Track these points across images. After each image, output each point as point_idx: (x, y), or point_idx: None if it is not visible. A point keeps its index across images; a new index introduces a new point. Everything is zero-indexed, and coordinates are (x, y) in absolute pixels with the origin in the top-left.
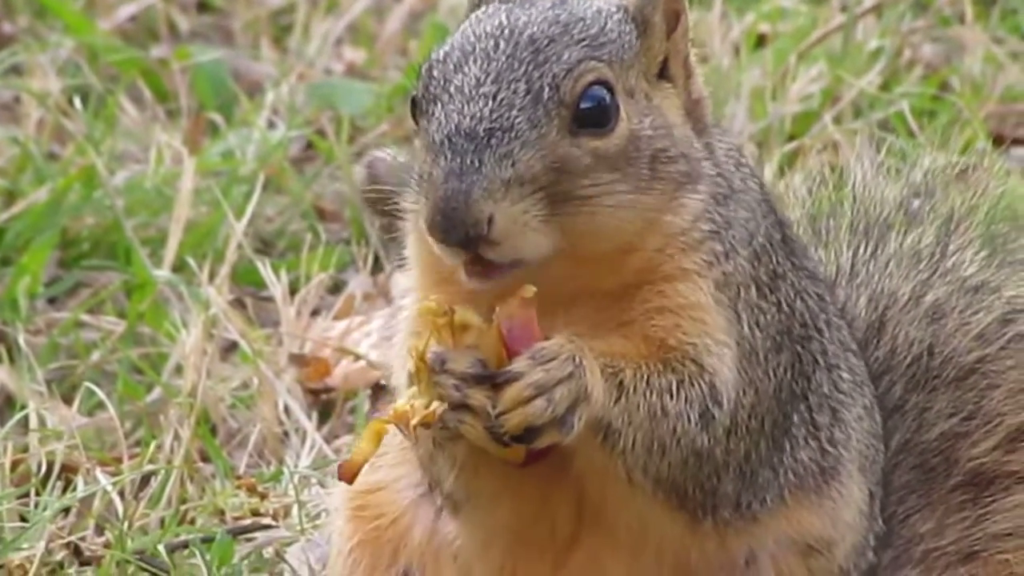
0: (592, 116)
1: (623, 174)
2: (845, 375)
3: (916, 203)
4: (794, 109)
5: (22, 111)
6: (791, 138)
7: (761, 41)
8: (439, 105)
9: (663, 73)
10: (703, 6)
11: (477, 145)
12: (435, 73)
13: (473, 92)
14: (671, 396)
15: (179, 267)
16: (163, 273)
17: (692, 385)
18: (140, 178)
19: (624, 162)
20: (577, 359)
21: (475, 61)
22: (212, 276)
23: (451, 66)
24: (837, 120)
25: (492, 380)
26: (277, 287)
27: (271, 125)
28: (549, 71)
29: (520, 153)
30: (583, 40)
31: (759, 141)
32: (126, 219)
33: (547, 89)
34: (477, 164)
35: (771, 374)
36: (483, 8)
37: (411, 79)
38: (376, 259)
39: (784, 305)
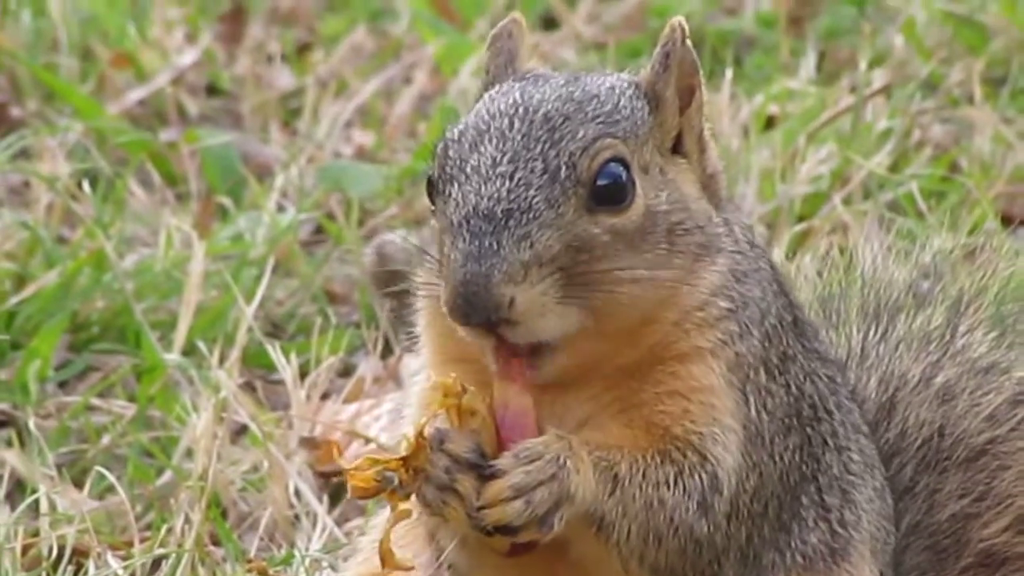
0: (609, 193)
1: (641, 250)
2: (856, 457)
3: (925, 285)
4: (803, 190)
5: (31, 195)
6: (800, 219)
7: (770, 122)
8: (456, 185)
9: (677, 148)
10: (712, 87)
11: (495, 227)
12: (451, 153)
13: (490, 172)
14: (668, 487)
15: (189, 351)
16: (173, 356)
17: (692, 476)
18: (150, 262)
19: (641, 238)
20: (562, 459)
21: (491, 140)
22: (222, 359)
23: (467, 145)
24: (847, 201)
25: (480, 471)
26: (287, 370)
27: (280, 208)
28: (565, 149)
29: (538, 234)
30: (598, 117)
31: (768, 222)
32: (136, 303)
33: (564, 168)
34: (496, 247)
35: (777, 458)
36: (496, 87)
37: (422, 161)
38: (386, 342)
39: (793, 387)
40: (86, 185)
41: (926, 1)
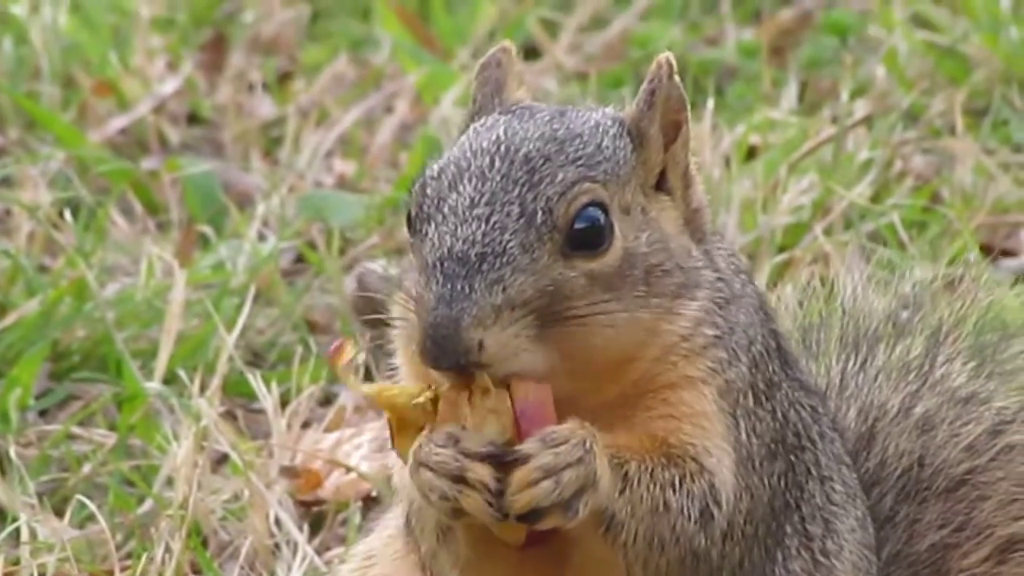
0: (586, 238)
1: (618, 292)
2: (838, 487)
3: (905, 315)
4: (785, 220)
5: (13, 223)
6: (782, 249)
7: (752, 152)
8: (433, 225)
9: (661, 184)
10: (694, 117)
11: (468, 270)
12: (429, 191)
13: (466, 213)
14: (673, 491)
15: (170, 379)
16: (154, 385)
17: (694, 481)
18: (131, 290)
19: (619, 280)
20: (588, 444)
21: (470, 180)
22: (203, 388)
23: (446, 184)
24: (828, 231)
25: (501, 459)
26: (268, 399)
27: (261, 237)
28: (543, 193)
29: (511, 278)
30: (579, 159)
31: (750, 252)
32: (117, 331)
33: (540, 213)
34: (467, 291)
35: (765, 482)
36: (482, 119)
37: (403, 190)
38: (367, 371)
39: (779, 414)
40: (67, 214)
41: (908, 32)
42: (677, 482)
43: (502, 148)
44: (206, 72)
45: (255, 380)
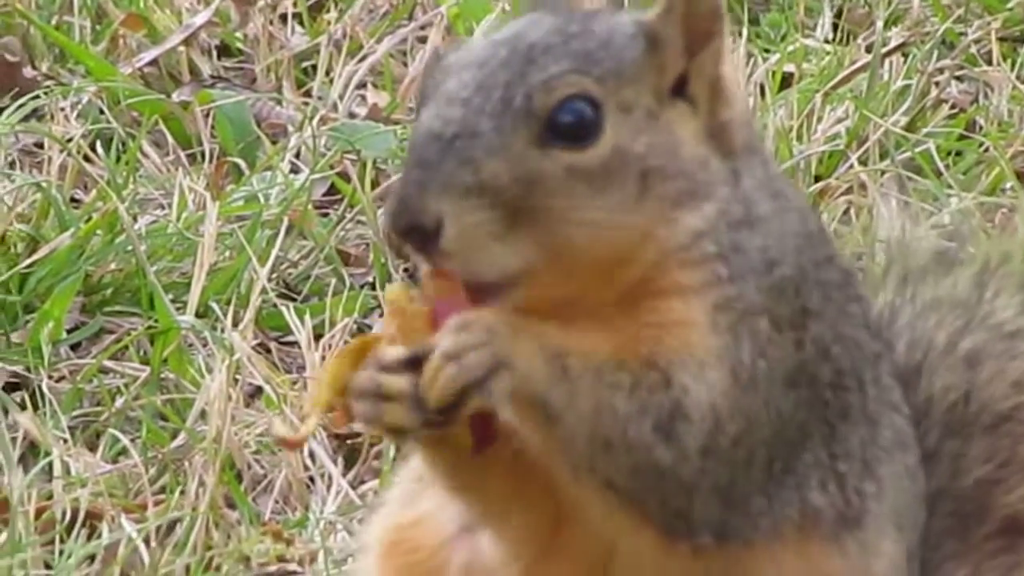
0: (567, 129)
1: (602, 190)
2: (886, 432)
3: (947, 247)
4: (820, 149)
5: (44, 156)
6: (817, 178)
7: (786, 81)
8: (426, 108)
9: (683, 92)
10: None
11: (442, 147)
12: (437, 75)
13: (454, 97)
14: (624, 394)
15: (203, 312)
16: (187, 319)
17: (651, 393)
18: (163, 223)
19: (605, 179)
20: (495, 327)
21: (470, 67)
22: (236, 321)
23: (452, 70)
24: (863, 160)
25: (417, 363)
26: (302, 332)
27: (294, 169)
28: (528, 81)
29: (483, 159)
30: (578, 52)
31: None
32: (149, 264)
33: (518, 98)
34: (438, 164)
35: (772, 408)
36: (529, 15)
37: None
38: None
39: (809, 345)
40: (99, 146)
41: None
42: (628, 387)
43: (512, 39)
44: (237, 3)
45: (288, 313)
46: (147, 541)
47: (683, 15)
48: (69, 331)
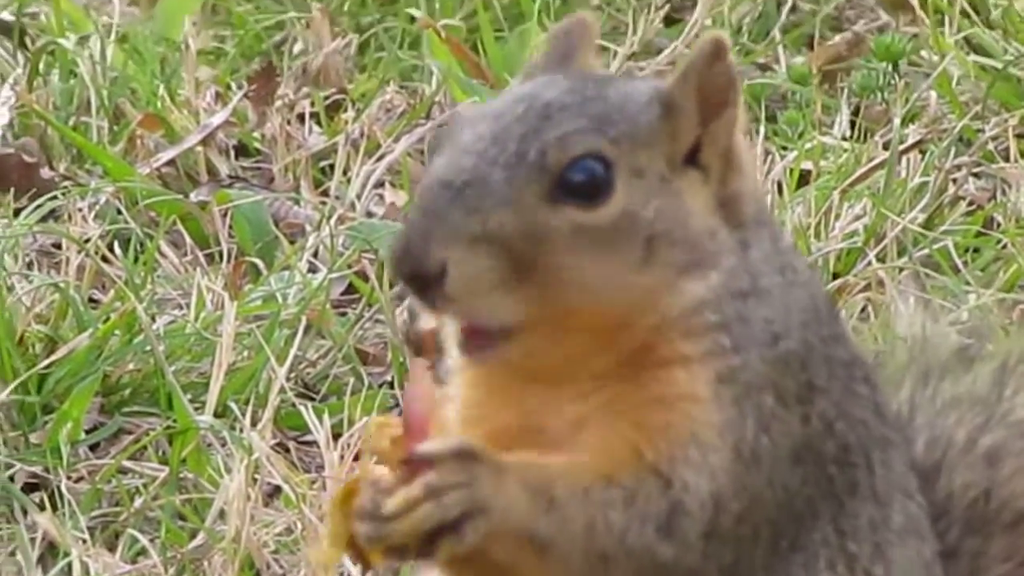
0: (578, 187)
1: (607, 251)
2: (897, 516)
3: (967, 344)
4: (838, 247)
5: (62, 257)
6: (835, 276)
7: (804, 178)
8: (438, 156)
9: (696, 161)
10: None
11: (451, 195)
12: (453, 127)
13: (468, 147)
14: (617, 509)
15: (221, 412)
16: (205, 418)
17: (649, 502)
18: (181, 323)
19: (612, 240)
20: (478, 468)
21: (485, 120)
22: (255, 421)
23: (468, 122)
24: (881, 257)
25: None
26: (320, 431)
27: (312, 268)
28: (543, 137)
29: (491, 209)
30: (594, 113)
31: None
32: (167, 364)
33: (533, 152)
34: (445, 211)
35: (777, 485)
36: (547, 76)
37: None
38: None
39: (815, 421)
40: (117, 247)
41: (960, 56)
42: (622, 501)
43: (528, 97)
44: (255, 103)
45: (307, 412)
46: None
47: (699, 84)
48: (88, 431)
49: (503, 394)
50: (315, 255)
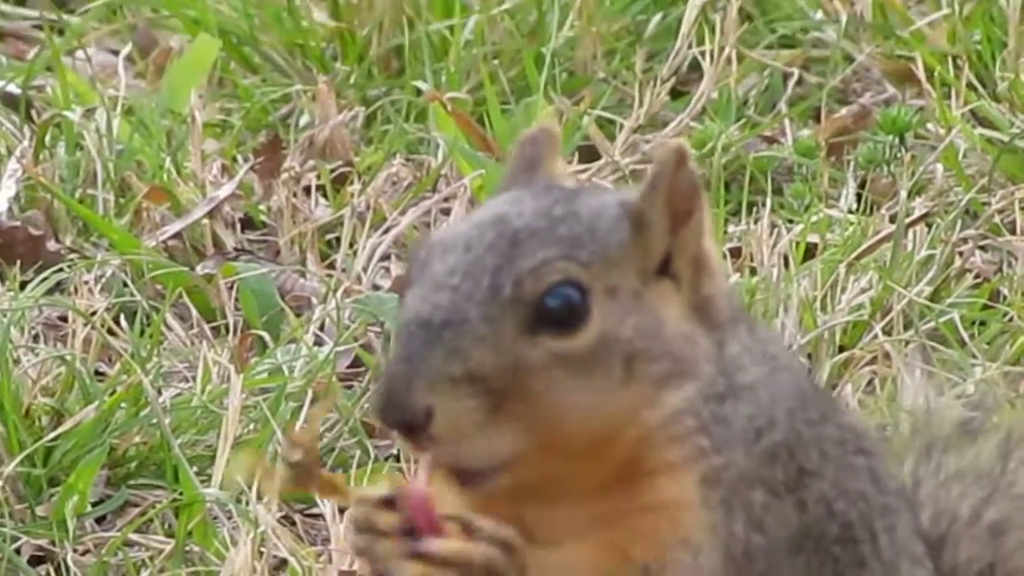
0: (554, 317)
1: (588, 375)
2: None
3: (972, 417)
4: (844, 319)
5: (68, 329)
6: (841, 349)
7: (810, 251)
8: (413, 290)
9: (667, 269)
10: (752, 216)
11: (430, 336)
12: (422, 255)
13: (441, 282)
14: None
15: (227, 485)
16: (212, 491)
17: None
18: (187, 396)
19: (592, 363)
20: (517, 562)
21: (455, 249)
22: (261, 494)
23: (437, 251)
24: (887, 330)
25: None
26: (326, 505)
27: (318, 341)
28: (516, 268)
29: (471, 349)
30: (565, 238)
31: (809, 352)
32: (174, 437)
33: (507, 286)
34: (426, 355)
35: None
36: (508, 192)
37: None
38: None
39: (812, 505)
40: (123, 319)
41: (966, 129)
42: None
43: (497, 221)
44: (261, 176)
45: None
46: None
47: (666, 194)
48: (94, 504)
49: (496, 509)
50: (321, 328)
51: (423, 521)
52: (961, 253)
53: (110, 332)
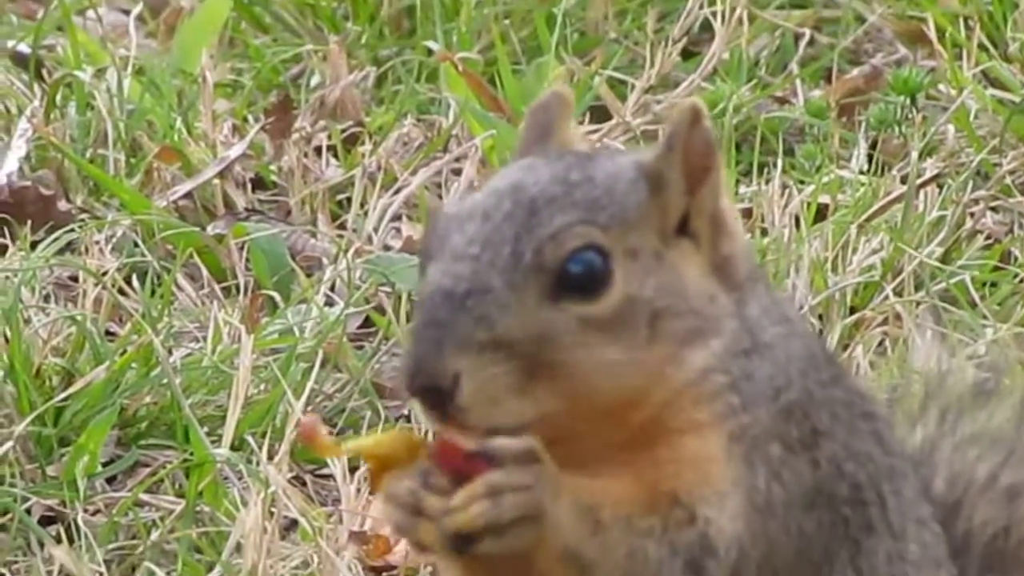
0: (577, 282)
1: (615, 336)
2: (913, 547)
3: (985, 379)
4: (855, 281)
5: (79, 290)
6: (852, 310)
7: (821, 213)
8: (432, 263)
9: (685, 229)
10: (763, 177)
11: (455, 306)
12: (440, 229)
13: (462, 253)
14: (653, 540)
15: (238, 445)
16: (222, 451)
17: (679, 531)
18: (198, 356)
19: (617, 325)
20: (542, 474)
21: (474, 220)
22: (271, 454)
23: (455, 223)
24: (898, 291)
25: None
26: (337, 465)
27: (329, 302)
28: (536, 235)
29: (497, 316)
30: (582, 203)
31: (820, 313)
32: (184, 397)
33: (528, 253)
34: (451, 322)
35: (793, 530)
36: (523, 160)
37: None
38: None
39: (824, 464)
40: (134, 280)
41: (977, 90)
42: (659, 531)
43: (513, 190)
44: (272, 136)
45: None
46: None
47: (683, 154)
48: (104, 464)
49: None
50: (332, 288)
51: (450, 471)
52: (972, 214)
53: (121, 292)
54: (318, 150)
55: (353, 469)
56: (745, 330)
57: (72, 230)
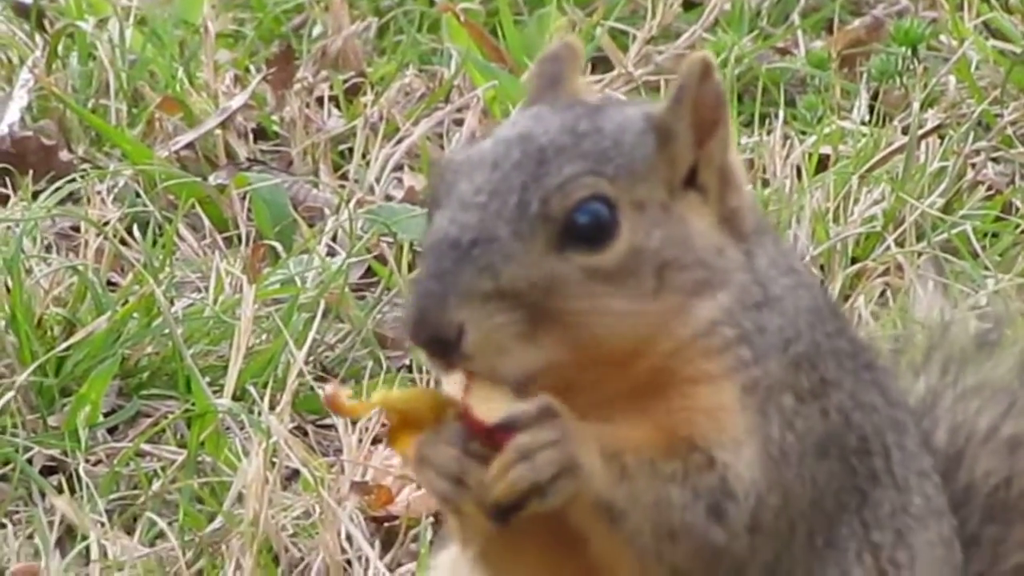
0: (584, 232)
1: (620, 287)
2: (916, 499)
3: (987, 330)
4: (856, 231)
5: (80, 240)
6: (854, 260)
7: (823, 163)
8: (439, 211)
9: (694, 181)
10: (764, 128)
11: (460, 255)
12: (447, 176)
13: (469, 201)
14: (677, 484)
15: (240, 396)
16: (223, 402)
17: (700, 475)
18: (199, 306)
19: (623, 275)
20: (567, 426)
21: (482, 168)
22: (273, 404)
23: (464, 170)
24: (900, 242)
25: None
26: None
27: (331, 252)
28: (543, 185)
29: (502, 265)
30: (590, 153)
31: (821, 264)
32: (186, 348)
33: (535, 203)
34: (456, 272)
35: (806, 479)
36: (531, 108)
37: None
38: (438, 385)
39: (834, 414)
40: (135, 230)
41: (979, 41)
42: (681, 476)
43: (521, 139)
44: (274, 86)
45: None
46: None
47: (692, 106)
48: (106, 415)
49: None
50: (334, 239)
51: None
52: (973, 165)
53: (122, 242)
54: (320, 100)
55: (355, 421)
56: (756, 283)
57: (74, 180)
